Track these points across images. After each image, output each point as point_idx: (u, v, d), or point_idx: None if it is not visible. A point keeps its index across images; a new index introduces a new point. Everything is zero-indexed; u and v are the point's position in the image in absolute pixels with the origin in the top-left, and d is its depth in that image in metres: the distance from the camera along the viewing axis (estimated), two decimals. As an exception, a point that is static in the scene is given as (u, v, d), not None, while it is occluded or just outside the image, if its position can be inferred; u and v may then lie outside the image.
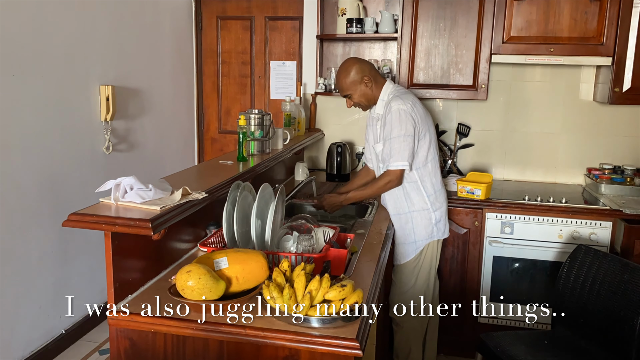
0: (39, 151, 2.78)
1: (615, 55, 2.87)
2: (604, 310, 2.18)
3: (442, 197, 2.57)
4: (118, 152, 3.38)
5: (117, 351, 1.55)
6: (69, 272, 3.06)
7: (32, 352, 2.82)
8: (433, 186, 2.52)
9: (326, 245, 1.79)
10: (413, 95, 2.52)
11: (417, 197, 2.50)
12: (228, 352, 1.48)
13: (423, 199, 2.50)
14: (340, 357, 1.39)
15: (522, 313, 2.95)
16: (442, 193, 2.58)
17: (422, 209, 2.50)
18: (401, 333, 2.63)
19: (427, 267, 2.58)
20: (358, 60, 2.53)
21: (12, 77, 2.59)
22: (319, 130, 3.61)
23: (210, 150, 4.30)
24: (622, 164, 3.24)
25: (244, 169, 2.24)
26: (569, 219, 2.83)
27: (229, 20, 4.08)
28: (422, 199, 2.50)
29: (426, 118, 2.48)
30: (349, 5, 3.27)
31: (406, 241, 2.55)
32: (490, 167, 3.47)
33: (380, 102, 2.50)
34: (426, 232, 2.53)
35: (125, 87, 3.41)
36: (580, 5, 2.88)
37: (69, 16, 2.92)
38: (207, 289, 1.46)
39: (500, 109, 3.39)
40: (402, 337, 2.64)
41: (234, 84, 4.16)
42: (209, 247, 1.83)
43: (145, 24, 3.61)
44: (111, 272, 1.54)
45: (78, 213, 1.50)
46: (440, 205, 2.55)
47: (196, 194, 1.73)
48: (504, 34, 2.98)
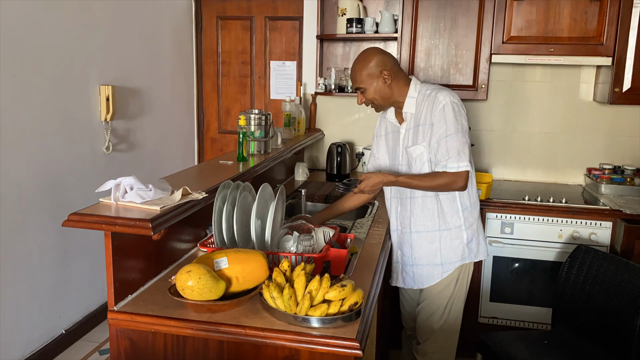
0: (39, 151, 2.78)
1: (615, 55, 2.87)
2: (604, 311, 2.19)
3: (477, 211, 2.20)
4: (118, 152, 3.38)
5: (117, 351, 1.55)
6: (69, 272, 3.06)
7: (32, 352, 2.82)
8: (469, 198, 2.14)
9: (326, 246, 1.79)
10: None
11: (450, 212, 2.13)
12: (228, 352, 1.48)
13: (457, 215, 2.13)
14: (340, 357, 1.39)
15: (522, 313, 2.96)
16: (477, 206, 2.20)
17: (454, 227, 2.13)
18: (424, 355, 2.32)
19: (462, 295, 2.24)
20: (381, 51, 2.14)
21: (12, 77, 2.59)
22: (319, 130, 3.61)
23: (210, 150, 4.31)
24: (622, 164, 3.24)
25: (244, 169, 2.24)
26: (569, 219, 2.83)
27: (229, 20, 4.08)
28: (457, 214, 2.13)
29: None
30: (349, 5, 3.27)
31: (431, 262, 2.18)
32: (490, 167, 3.47)
33: (410, 99, 2.13)
34: (455, 255, 2.15)
35: (125, 87, 3.41)
36: (580, 5, 2.88)
37: (69, 16, 2.92)
38: (207, 289, 1.46)
39: (500, 109, 3.40)
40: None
41: (234, 84, 4.16)
42: (209, 247, 1.83)
43: (145, 24, 3.61)
44: (111, 272, 1.54)
45: (78, 213, 1.50)
46: (473, 222, 2.16)
47: (196, 194, 1.73)
48: (504, 34, 2.98)
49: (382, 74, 2.09)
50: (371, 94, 2.13)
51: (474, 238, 2.18)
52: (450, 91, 2.11)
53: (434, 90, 2.10)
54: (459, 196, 2.12)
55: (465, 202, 2.14)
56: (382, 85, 2.10)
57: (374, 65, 2.10)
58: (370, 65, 2.10)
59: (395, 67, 2.14)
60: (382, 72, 2.09)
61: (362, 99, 2.16)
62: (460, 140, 2.03)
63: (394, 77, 2.12)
